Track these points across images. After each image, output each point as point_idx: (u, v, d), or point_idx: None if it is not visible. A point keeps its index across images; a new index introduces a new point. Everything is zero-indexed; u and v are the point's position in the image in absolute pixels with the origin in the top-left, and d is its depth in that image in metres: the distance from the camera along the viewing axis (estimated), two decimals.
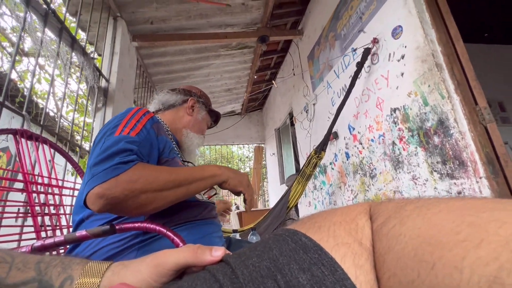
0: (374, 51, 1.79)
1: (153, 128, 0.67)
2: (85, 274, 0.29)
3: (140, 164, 0.55)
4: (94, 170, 0.52)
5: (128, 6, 2.27)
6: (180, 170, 0.60)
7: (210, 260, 0.30)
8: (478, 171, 1.17)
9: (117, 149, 0.55)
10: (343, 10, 2.19)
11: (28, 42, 4.06)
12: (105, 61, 2.16)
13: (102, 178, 0.50)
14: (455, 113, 1.26)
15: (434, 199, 0.27)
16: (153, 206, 0.54)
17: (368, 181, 1.93)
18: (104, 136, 0.60)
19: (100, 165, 0.53)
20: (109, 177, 0.50)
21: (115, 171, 0.51)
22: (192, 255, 0.30)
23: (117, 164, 0.52)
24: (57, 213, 0.85)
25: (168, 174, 0.56)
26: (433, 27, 1.39)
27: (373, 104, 1.83)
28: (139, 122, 0.64)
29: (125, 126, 0.61)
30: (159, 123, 0.73)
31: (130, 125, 0.62)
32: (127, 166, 0.52)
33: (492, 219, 0.20)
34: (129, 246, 0.56)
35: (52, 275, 0.29)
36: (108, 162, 0.52)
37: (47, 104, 1.41)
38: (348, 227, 0.30)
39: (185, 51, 3.08)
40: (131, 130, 0.61)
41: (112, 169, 0.51)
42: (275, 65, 4.05)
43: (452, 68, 1.32)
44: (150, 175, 0.54)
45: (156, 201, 0.54)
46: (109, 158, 0.53)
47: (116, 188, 0.50)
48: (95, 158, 0.54)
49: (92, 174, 0.51)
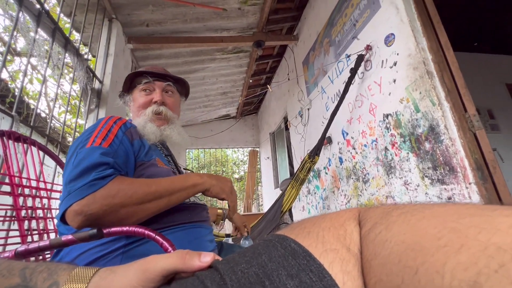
0: (368, 58, 1.82)
1: (126, 134, 0.66)
2: (71, 279, 0.29)
3: (118, 178, 0.54)
4: (70, 187, 0.51)
5: (124, 8, 2.27)
6: (160, 181, 0.59)
7: (199, 266, 0.30)
8: (467, 176, 1.19)
9: (93, 163, 0.53)
10: (337, 17, 2.23)
11: (21, 41, 4.01)
12: (99, 63, 2.15)
13: (79, 195, 0.50)
14: (446, 120, 1.29)
15: (419, 205, 0.28)
16: (134, 219, 0.54)
17: (361, 186, 1.94)
18: (76, 150, 0.59)
19: (76, 181, 0.52)
20: (86, 193, 0.50)
21: (92, 187, 0.50)
22: (180, 261, 0.30)
23: (94, 180, 0.51)
24: (44, 216, 0.83)
25: (148, 186, 0.55)
26: (424, 36, 1.43)
27: (366, 110, 1.86)
28: (110, 132, 0.63)
29: (96, 137, 0.60)
30: (133, 128, 0.72)
31: (101, 135, 0.61)
32: (104, 182, 0.52)
33: (471, 225, 0.21)
34: (113, 249, 0.55)
35: (38, 282, 0.28)
36: (84, 178, 0.52)
37: (38, 105, 1.38)
38: (337, 233, 0.30)
39: (180, 54, 3.08)
40: (102, 140, 0.59)
41: (88, 185, 0.51)
42: (271, 69, 4.08)
43: (442, 76, 1.35)
44: (129, 189, 0.53)
45: (137, 214, 0.54)
46: (84, 173, 0.52)
47: (94, 204, 0.49)
48: (69, 174, 0.54)
49: (69, 192, 0.51)
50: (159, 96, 0.79)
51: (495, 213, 0.21)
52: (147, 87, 0.81)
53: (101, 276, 0.30)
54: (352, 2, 2.00)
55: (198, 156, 8.19)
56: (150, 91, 0.81)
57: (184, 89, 0.92)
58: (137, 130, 0.73)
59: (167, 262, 0.30)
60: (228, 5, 2.50)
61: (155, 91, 0.81)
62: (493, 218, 0.21)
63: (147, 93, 0.80)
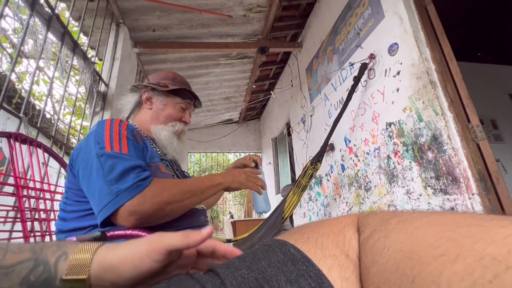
0: (371, 66, 1.84)
1: (134, 136, 0.68)
2: (79, 251, 0.30)
3: (155, 179, 0.59)
4: (115, 189, 0.54)
5: (131, 14, 2.31)
6: (191, 180, 0.66)
7: (201, 239, 0.32)
8: (470, 187, 1.19)
9: (128, 167, 0.57)
10: (341, 25, 2.25)
11: (29, 43, 4.08)
12: (105, 66, 2.18)
13: (129, 196, 0.53)
14: (448, 130, 1.29)
15: (417, 213, 0.28)
16: (174, 215, 0.61)
17: (363, 193, 1.93)
18: (97, 156, 0.58)
19: (119, 183, 0.55)
20: (135, 193, 0.54)
21: (139, 188, 0.55)
22: (183, 238, 0.32)
23: (138, 182, 0.56)
24: (47, 218, 0.84)
25: (184, 185, 0.62)
26: (428, 46, 1.44)
27: (369, 118, 1.86)
28: (121, 135, 0.63)
29: (112, 142, 0.60)
30: (135, 130, 0.73)
31: (115, 141, 0.61)
32: (147, 182, 0.57)
33: (468, 235, 0.21)
34: None
35: (47, 253, 0.30)
36: (126, 180, 0.55)
37: (45, 107, 1.40)
38: (336, 239, 0.30)
39: (185, 58, 3.12)
40: (120, 147, 0.60)
41: (135, 186, 0.55)
42: (274, 75, 4.11)
43: (445, 86, 1.35)
44: (171, 188, 0.59)
45: (177, 211, 0.60)
46: (124, 175, 0.56)
47: (145, 204, 0.54)
48: (106, 177, 0.55)
49: (116, 193, 0.54)
50: (189, 120, 0.87)
51: (491, 223, 0.22)
52: (186, 107, 0.86)
53: (107, 247, 0.32)
54: (356, 12, 2.02)
55: (199, 160, 8.19)
56: (183, 109, 0.86)
57: None
58: (139, 132, 0.74)
59: (172, 238, 0.32)
60: (234, 12, 2.54)
61: (186, 112, 0.87)
62: (489, 229, 0.21)
63: (181, 110, 0.85)
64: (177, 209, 0.60)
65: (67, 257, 0.29)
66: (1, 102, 1.08)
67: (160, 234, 0.33)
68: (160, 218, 0.58)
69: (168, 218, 0.60)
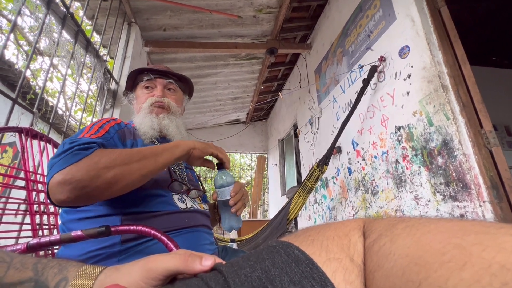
0: (381, 69, 1.81)
1: (118, 133, 0.66)
2: (80, 276, 0.31)
3: (100, 149, 0.53)
4: (51, 162, 0.50)
5: (143, 13, 2.35)
6: (143, 147, 0.59)
7: (200, 269, 0.31)
8: (481, 194, 1.16)
9: (77, 143, 0.53)
10: (351, 27, 2.23)
11: (44, 41, 4.20)
12: (116, 64, 2.22)
13: (61, 166, 0.47)
14: (460, 135, 1.26)
15: (425, 219, 0.28)
16: (124, 183, 0.51)
17: (369, 197, 1.91)
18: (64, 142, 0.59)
19: (57, 157, 0.50)
20: (68, 163, 0.48)
21: (74, 157, 0.48)
22: (182, 263, 0.31)
23: (76, 150, 0.49)
24: (55, 212, 0.86)
25: (130, 150, 0.55)
26: (440, 49, 1.41)
27: (377, 121, 1.84)
28: (102, 128, 0.64)
29: (88, 132, 0.61)
30: (128, 129, 0.71)
31: (93, 130, 0.62)
32: (88, 152, 0.50)
33: (476, 242, 0.21)
34: (110, 254, 0.54)
35: (48, 276, 0.30)
36: (70, 150, 0.50)
37: (57, 103, 1.44)
38: (341, 242, 0.30)
39: (194, 58, 3.15)
40: (93, 134, 0.60)
41: (71, 155, 0.48)
42: (282, 76, 4.11)
43: (458, 90, 1.32)
44: (112, 153, 0.52)
45: (124, 177, 0.51)
46: (67, 150, 0.51)
47: (79, 172, 0.47)
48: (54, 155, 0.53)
49: (51, 165, 0.49)
50: (159, 92, 0.78)
51: (500, 231, 0.21)
52: (149, 84, 0.79)
53: (106, 274, 0.32)
54: (367, 14, 2.00)
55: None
56: (152, 88, 0.80)
57: (187, 87, 0.89)
58: (131, 131, 0.72)
59: (169, 263, 0.31)
60: (244, 12, 2.55)
61: (157, 88, 0.79)
62: (498, 236, 0.21)
63: (149, 90, 0.79)
64: (124, 174, 0.51)
65: (67, 283, 0.30)
66: (16, 97, 1.11)
67: (156, 257, 0.32)
68: (102, 187, 0.49)
69: (117, 186, 0.50)
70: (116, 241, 0.55)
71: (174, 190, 0.68)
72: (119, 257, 0.54)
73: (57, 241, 0.51)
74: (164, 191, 0.66)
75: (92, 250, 0.54)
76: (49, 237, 0.51)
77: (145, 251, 0.56)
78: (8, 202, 0.76)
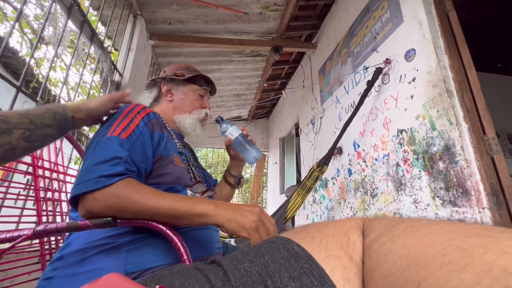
0: (386, 71, 1.81)
1: (147, 125, 0.66)
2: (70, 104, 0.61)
3: (126, 180, 0.54)
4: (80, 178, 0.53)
5: (149, 6, 2.34)
6: (166, 197, 0.53)
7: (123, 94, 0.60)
8: (481, 201, 1.16)
9: (106, 157, 0.55)
10: (358, 28, 2.22)
11: (48, 30, 4.19)
12: (121, 56, 2.21)
13: (83, 189, 0.51)
14: (462, 141, 1.26)
15: (425, 221, 0.28)
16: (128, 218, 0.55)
17: (368, 199, 1.91)
18: (97, 137, 0.61)
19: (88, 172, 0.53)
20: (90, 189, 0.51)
21: (96, 184, 0.51)
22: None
23: (100, 177, 0.52)
24: (59, 199, 0.87)
25: (150, 201, 0.52)
26: (447, 53, 1.40)
27: (380, 123, 1.84)
28: (132, 122, 0.64)
29: (118, 126, 0.61)
30: (156, 119, 0.71)
31: (123, 125, 0.62)
32: (110, 181, 0.52)
33: (477, 245, 0.21)
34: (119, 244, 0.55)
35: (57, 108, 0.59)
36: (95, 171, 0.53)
37: (60, 93, 1.44)
38: (340, 240, 0.30)
39: (199, 53, 3.14)
40: (122, 130, 0.61)
41: (94, 181, 0.51)
42: (286, 75, 4.09)
43: (462, 96, 1.32)
44: (131, 197, 0.52)
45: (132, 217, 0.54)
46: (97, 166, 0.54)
47: (95, 202, 0.51)
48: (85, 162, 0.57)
49: (78, 182, 0.53)
50: (209, 105, 0.91)
51: (502, 235, 0.21)
52: (203, 94, 0.90)
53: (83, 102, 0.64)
54: (374, 15, 1.99)
55: (206, 155, 8.25)
56: (202, 97, 0.90)
57: None
58: (159, 121, 0.72)
59: None
60: (250, 9, 2.53)
61: (204, 99, 0.91)
62: (500, 240, 0.21)
63: (200, 97, 0.89)
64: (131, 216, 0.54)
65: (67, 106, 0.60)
66: (20, 85, 1.11)
67: None
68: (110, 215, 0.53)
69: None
70: (129, 229, 0.56)
71: (195, 190, 0.70)
72: (129, 247, 0.55)
73: (64, 229, 0.52)
74: (181, 187, 0.67)
75: (102, 238, 0.55)
76: (55, 224, 0.51)
77: (154, 244, 0.56)
78: (10, 186, 0.77)
